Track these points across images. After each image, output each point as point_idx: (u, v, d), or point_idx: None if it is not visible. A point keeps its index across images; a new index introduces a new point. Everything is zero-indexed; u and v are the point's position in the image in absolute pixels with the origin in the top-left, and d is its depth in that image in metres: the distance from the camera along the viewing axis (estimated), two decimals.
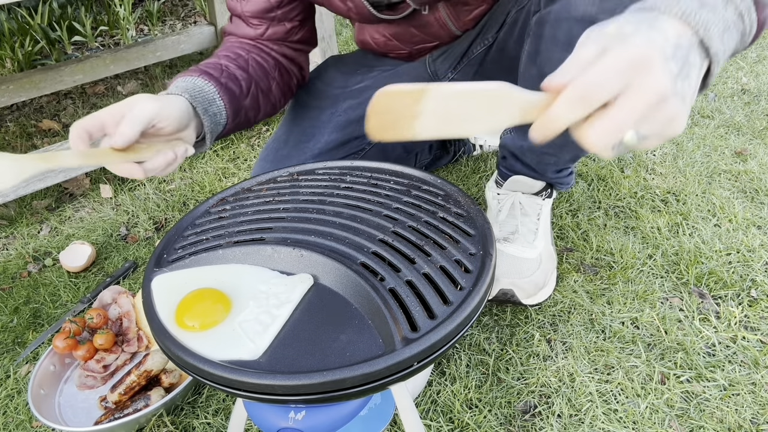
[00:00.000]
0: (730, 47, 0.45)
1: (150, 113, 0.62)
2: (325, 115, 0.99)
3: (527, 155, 0.92)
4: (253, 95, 0.84)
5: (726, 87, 1.56)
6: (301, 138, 0.99)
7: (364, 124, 0.47)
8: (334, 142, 0.98)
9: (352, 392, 0.45)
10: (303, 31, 0.92)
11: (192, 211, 0.69)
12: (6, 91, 1.58)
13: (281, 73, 0.92)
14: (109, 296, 0.94)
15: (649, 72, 0.41)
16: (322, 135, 0.98)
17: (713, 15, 0.44)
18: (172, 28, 2.43)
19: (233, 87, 0.80)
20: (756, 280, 0.91)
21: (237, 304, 0.54)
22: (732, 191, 1.13)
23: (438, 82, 0.39)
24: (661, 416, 0.73)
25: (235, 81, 0.81)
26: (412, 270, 0.53)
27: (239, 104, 0.81)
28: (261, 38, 0.90)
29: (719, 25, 0.44)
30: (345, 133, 0.98)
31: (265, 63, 0.89)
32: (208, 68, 0.79)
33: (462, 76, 0.97)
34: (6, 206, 1.30)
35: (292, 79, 0.96)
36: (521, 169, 0.96)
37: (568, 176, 0.99)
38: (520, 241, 0.91)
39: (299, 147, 0.98)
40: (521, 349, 0.84)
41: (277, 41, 0.91)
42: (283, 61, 0.92)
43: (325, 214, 0.63)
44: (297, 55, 0.95)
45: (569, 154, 0.88)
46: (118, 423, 0.74)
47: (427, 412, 0.76)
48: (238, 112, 0.81)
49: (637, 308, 0.88)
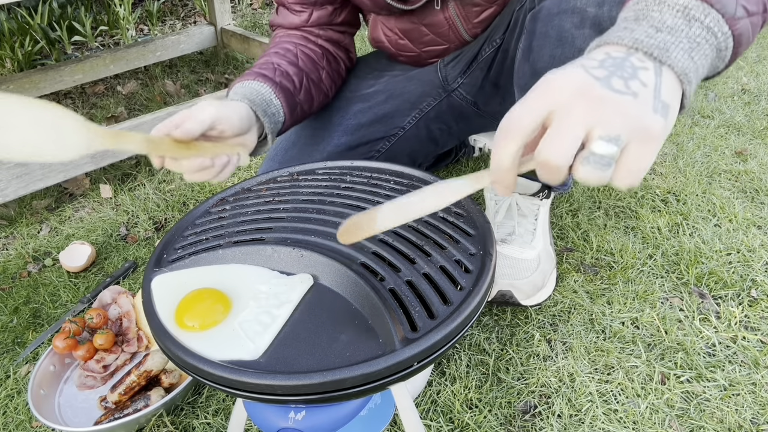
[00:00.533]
0: (704, 63, 0.45)
1: (212, 115, 0.65)
2: (336, 118, 1.00)
3: None
4: (306, 89, 0.87)
5: (726, 87, 1.56)
6: (310, 140, 0.99)
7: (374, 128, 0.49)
8: (343, 145, 0.98)
9: (352, 392, 0.45)
10: (345, 13, 0.94)
11: (192, 211, 0.69)
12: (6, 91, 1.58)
13: (329, 61, 0.94)
14: (109, 296, 0.94)
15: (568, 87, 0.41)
16: (331, 138, 0.98)
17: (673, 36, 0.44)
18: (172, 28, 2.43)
19: (287, 84, 0.83)
20: (756, 280, 0.91)
21: (237, 304, 0.54)
22: (732, 191, 1.13)
23: (381, 206, 0.49)
24: (661, 416, 0.73)
25: (288, 78, 0.84)
26: (412, 270, 0.53)
27: (294, 100, 0.84)
28: (306, 25, 0.92)
29: (683, 44, 0.44)
30: (355, 137, 0.98)
31: (313, 54, 0.91)
32: (262, 69, 0.83)
33: (471, 80, 0.97)
34: (6, 206, 1.30)
35: (340, 64, 0.98)
36: None
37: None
38: (517, 242, 0.91)
39: (308, 149, 0.98)
40: (521, 349, 0.84)
41: (322, 26, 0.93)
42: (330, 48, 0.95)
43: (325, 214, 0.63)
44: (343, 38, 0.97)
45: None
46: (118, 423, 0.73)
47: (427, 412, 0.76)
48: (294, 108, 0.84)
49: (637, 308, 0.88)
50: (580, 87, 0.40)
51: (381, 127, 1.00)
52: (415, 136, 1.02)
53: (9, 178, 1.13)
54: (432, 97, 1.01)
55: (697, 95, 1.52)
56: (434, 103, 1.01)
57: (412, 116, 1.01)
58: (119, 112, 1.73)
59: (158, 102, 1.78)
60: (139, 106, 1.78)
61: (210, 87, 1.88)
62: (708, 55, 0.45)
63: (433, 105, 1.01)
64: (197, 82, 1.92)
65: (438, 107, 1.02)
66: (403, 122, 1.01)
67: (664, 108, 0.41)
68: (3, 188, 1.13)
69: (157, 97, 1.80)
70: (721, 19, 0.45)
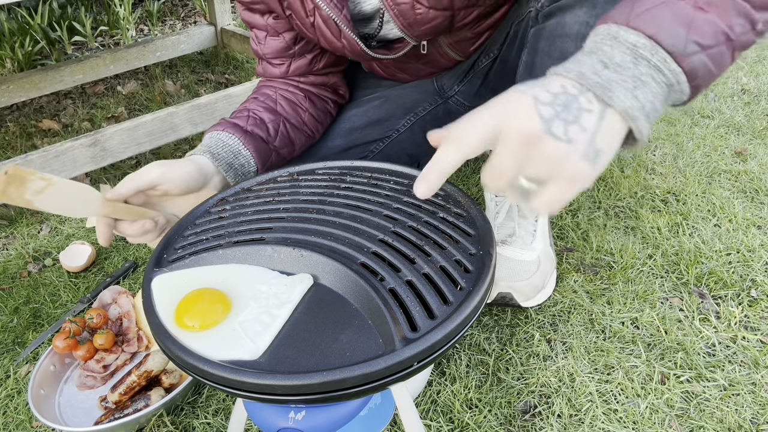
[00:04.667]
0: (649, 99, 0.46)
1: (151, 176, 0.69)
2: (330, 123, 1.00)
3: None
4: (283, 134, 0.88)
5: (726, 87, 1.56)
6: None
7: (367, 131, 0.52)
8: (337, 147, 0.98)
9: (352, 392, 0.45)
10: (325, 58, 0.93)
11: (192, 211, 0.69)
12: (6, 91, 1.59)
13: (312, 102, 0.93)
14: (109, 296, 0.94)
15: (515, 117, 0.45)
16: (324, 141, 0.99)
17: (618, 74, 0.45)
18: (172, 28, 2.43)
19: (259, 132, 0.84)
20: (756, 280, 0.91)
21: (237, 304, 0.54)
22: (732, 191, 1.13)
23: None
24: (661, 416, 0.73)
25: (261, 126, 0.85)
26: (412, 270, 0.53)
27: (267, 148, 0.85)
28: (287, 75, 0.92)
29: (627, 83, 0.45)
30: (348, 139, 0.99)
31: (294, 97, 0.91)
32: (235, 119, 0.84)
33: (468, 88, 0.98)
34: (6, 206, 1.30)
35: (327, 103, 0.97)
36: None
37: None
38: (517, 243, 0.91)
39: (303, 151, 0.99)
40: (521, 349, 0.84)
41: (303, 74, 0.93)
42: (312, 90, 0.94)
43: (325, 214, 0.63)
44: (328, 79, 0.96)
45: None
46: (118, 423, 0.74)
47: (427, 412, 0.76)
48: (267, 155, 0.85)
49: (637, 308, 0.88)
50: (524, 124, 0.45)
51: (375, 130, 1.00)
52: (410, 138, 1.02)
53: None
54: (428, 102, 1.02)
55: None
56: (430, 107, 1.02)
57: (407, 119, 1.01)
58: (119, 113, 1.74)
59: (158, 102, 1.78)
60: (139, 107, 1.78)
61: (210, 87, 1.88)
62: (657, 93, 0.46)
63: (428, 110, 1.02)
64: (197, 82, 1.92)
65: (434, 112, 1.02)
66: (397, 125, 1.01)
67: (596, 154, 0.45)
68: None
69: (157, 98, 1.80)
70: (668, 57, 0.46)
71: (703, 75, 0.47)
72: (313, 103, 0.93)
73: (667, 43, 0.45)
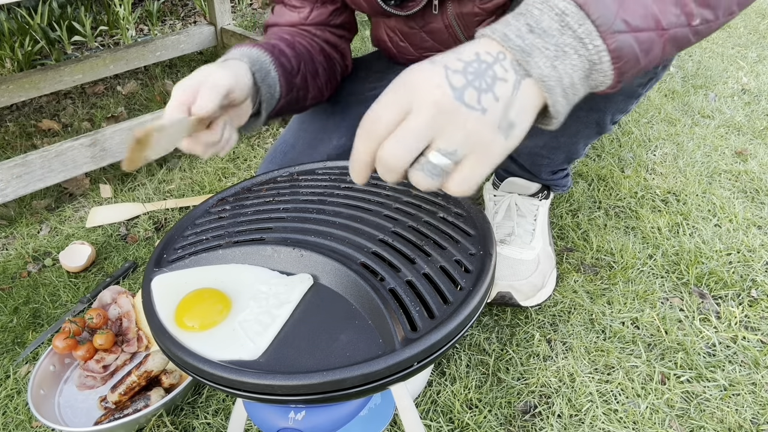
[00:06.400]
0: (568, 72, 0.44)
1: (226, 83, 0.62)
2: (335, 120, 0.99)
3: (521, 156, 0.92)
4: (303, 74, 0.83)
5: (726, 87, 1.56)
6: (310, 142, 0.98)
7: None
8: (342, 147, 0.98)
9: (352, 392, 0.45)
10: (344, 15, 0.92)
11: (192, 211, 0.69)
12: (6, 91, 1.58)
13: (326, 58, 0.91)
14: (109, 296, 0.94)
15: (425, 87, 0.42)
16: (330, 140, 0.98)
17: (542, 40, 0.43)
18: (172, 28, 2.43)
19: (285, 62, 0.79)
20: (756, 280, 0.91)
21: (237, 304, 0.54)
22: (732, 191, 1.13)
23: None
24: (662, 416, 0.73)
25: (285, 57, 0.79)
26: (412, 270, 0.53)
27: (292, 80, 0.80)
28: (304, 23, 0.89)
29: (549, 50, 0.43)
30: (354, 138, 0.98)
31: (310, 47, 0.88)
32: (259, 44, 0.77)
33: None
34: (6, 206, 1.30)
35: (335, 66, 0.95)
36: (516, 170, 0.96)
37: (564, 178, 0.99)
38: (516, 243, 0.91)
39: (307, 151, 0.98)
40: (521, 349, 0.84)
41: (320, 25, 0.90)
42: (326, 47, 0.92)
43: (325, 214, 0.63)
44: (339, 42, 0.94)
45: (562, 155, 0.88)
46: (118, 423, 0.73)
47: (427, 412, 0.76)
48: (291, 87, 0.79)
49: (638, 308, 0.88)
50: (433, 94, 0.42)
51: None
52: None
53: (9, 178, 1.13)
54: None
55: (697, 95, 1.53)
56: None
57: None
58: (119, 112, 1.73)
59: (158, 102, 1.78)
60: (139, 106, 1.78)
61: None
62: (577, 66, 0.44)
63: None
64: None
65: None
66: None
67: (509, 126, 0.43)
68: (3, 188, 1.13)
69: (157, 97, 1.80)
70: (594, 31, 0.44)
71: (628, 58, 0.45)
72: (326, 60, 0.91)
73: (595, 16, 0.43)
